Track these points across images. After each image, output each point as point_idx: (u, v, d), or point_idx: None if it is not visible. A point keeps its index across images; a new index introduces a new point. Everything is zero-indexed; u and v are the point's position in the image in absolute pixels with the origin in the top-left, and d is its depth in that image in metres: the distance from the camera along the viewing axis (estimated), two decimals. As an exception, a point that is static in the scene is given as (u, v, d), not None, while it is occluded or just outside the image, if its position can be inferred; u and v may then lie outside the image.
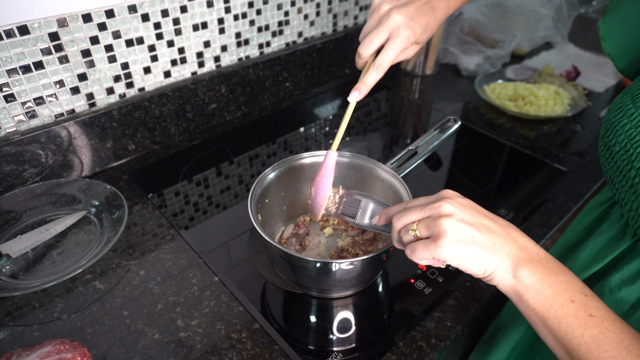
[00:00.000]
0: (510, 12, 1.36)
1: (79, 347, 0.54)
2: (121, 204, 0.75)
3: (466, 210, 0.42)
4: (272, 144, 1.00)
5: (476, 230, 0.41)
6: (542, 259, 0.41)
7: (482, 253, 0.41)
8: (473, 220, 0.42)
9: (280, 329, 0.61)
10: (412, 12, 0.55)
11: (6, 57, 0.72)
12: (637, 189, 0.42)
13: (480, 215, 0.43)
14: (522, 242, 0.42)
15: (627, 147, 0.43)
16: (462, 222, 0.41)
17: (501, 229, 0.42)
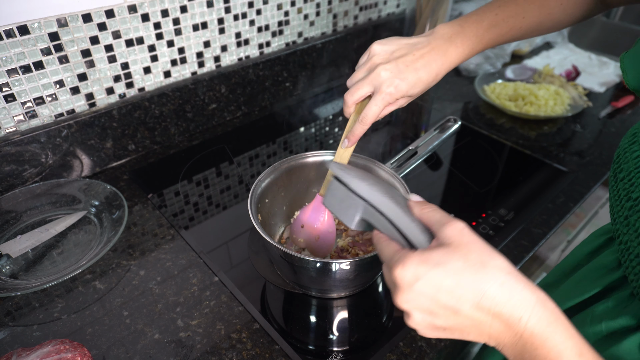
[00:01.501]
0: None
1: (79, 347, 0.54)
2: (121, 204, 0.75)
3: (422, 312, 0.34)
4: (272, 144, 1.00)
5: (442, 330, 0.35)
6: (527, 343, 0.32)
7: (463, 337, 0.35)
8: (434, 323, 0.35)
9: (280, 329, 0.61)
10: (400, 68, 0.54)
11: (6, 57, 0.72)
12: (629, 222, 0.40)
13: (442, 310, 0.33)
14: (498, 325, 0.33)
15: (631, 175, 0.41)
16: (425, 324, 0.35)
17: (468, 319, 0.33)
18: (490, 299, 0.32)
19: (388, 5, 1.28)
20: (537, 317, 0.31)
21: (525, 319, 0.31)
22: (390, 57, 0.55)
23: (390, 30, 1.28)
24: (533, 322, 0.31)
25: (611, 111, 1.13)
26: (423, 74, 0.55)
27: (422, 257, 0.34)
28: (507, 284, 0.32)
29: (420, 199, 0.41)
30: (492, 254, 0.34)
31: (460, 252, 0.33)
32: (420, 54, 0.55)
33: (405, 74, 0.54)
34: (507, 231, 0.77)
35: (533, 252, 0.74)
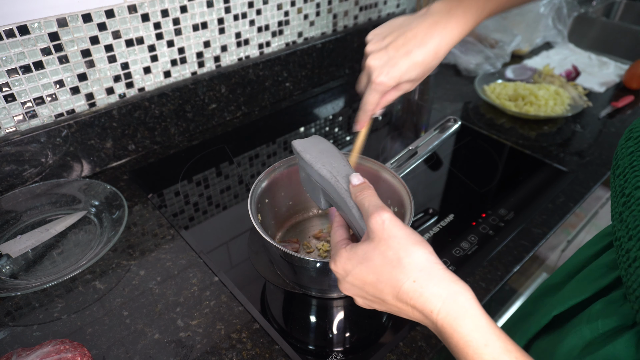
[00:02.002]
0: (510, 12, 1.36)
1: (79, 347, 0.54)
2: (121, 204, 0.75)
3: (359, 297, 0.40)
4: (272, 144, 1.00)
5: (379, 311, 0.40)
6: (441, 332, 0.36)
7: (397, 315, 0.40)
8: (370, 305, 0.40)
9: (280, 329, 0.61)
10: (390, 54, 0.52)
11: (6, 57, 0.72)
12: (622, 217, 0.40)
13: (373, 299, 0.39)
14: (418, 313, 0.37)
15: (625, 172, 0.41)
16: (365, 304, 0.40)
17: (394, 306, 0.38)
18: (405, 294, 0.36)
19: (388, 5, 1.28)
20: (446, 311, 0.34)
21: (436, 312, 0.35)
22: (382, 44, 0.53)
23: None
24: (443, 315, 0.34)
25: (611, 111, 1.13)
26: (418, 56, 0.52)
27: (349, 254, 0.39)
28: (420, 280, 0.35)
29: (359, 180, 0.43)
30: (408, 250, 0.36)
31: (380, 248, 0.37)
32: (412, 34, 0.52)
33: (395, 60, 0.52)
34: (507, 231, 0.77)
35: (533, 252, 0.74)
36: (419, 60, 0.52)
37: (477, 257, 0.72)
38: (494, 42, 1.32)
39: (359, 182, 0.44)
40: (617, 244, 0.41)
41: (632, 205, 0.39)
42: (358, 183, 0.43)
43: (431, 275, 0.35)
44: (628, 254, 0.38)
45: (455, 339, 0.34)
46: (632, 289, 0.37)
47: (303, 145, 0.52)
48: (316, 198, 0.47)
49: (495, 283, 0.68)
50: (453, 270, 0.69)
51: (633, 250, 0.37)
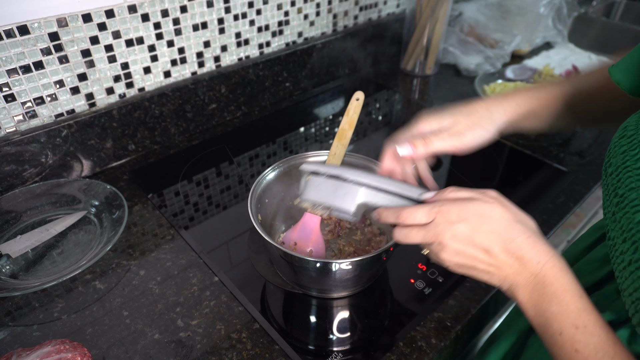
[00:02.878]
0: (510, 12, 1.36)
1: (79, 347, 0.54)
2: (121, 204, 0.75)
3: (460, 243, 0.43)
4: (272, 144, 1.00)
5: (469, 263, 0.43)
6: (539, 282, 0.40)
7: (480, 276, 0.44)
8: (466, 254, 0.43)
9: (280, 329, 0.61)
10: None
11: (6, 57, 0.72)
12: (616, 218, 0.40)
13: (475, 248, 0.42)
14: (518, 266, 0.41)
15: (618, 170, 0.41)
16: (457, 255, 0.43)
17: (495, 258, 0.42)
18: (517, 245, 0.41)
19: (388, 5, 1.28)
20: (551, 264, 0.40)
21: (542, 263, 0.40)
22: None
23: (390, 30, 1.28)
24: (548, 267, 0.40)
25: (611, 111, 1.12)
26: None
27: (461, 204, 0.43)
28: (533, 237, 0.41)
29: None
30: (522, 216, 0.44)
31: (497, 208, 0.43)
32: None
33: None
34: (507, 231, 0.77)
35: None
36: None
37: (477, 257, 0.72)
38: (494, 42, 1.32)
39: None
40: (611, 244, 0.41)
41: (625, 207, 0.38)
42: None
43: (540, 237, 0.42)
44: (622, 256, 0.38)
45: (556, 286, 0.39)
46: (628, 293, 0.37)
47: (315, 165, 0.54)
48: (346, 205, 0.48)
49: (495, 283, 0.68)
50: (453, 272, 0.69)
51: (628, 253, 0.37)
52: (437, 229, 0.43)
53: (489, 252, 0.42)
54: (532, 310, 0.41)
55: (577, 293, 0.39)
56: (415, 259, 0.71)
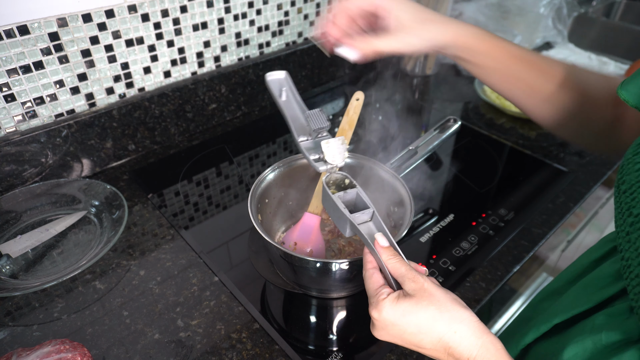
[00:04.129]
0: (510, 12, 1.36)
1: (79, 347, 0.54)
2: (121, 204, 0.75)
3: (391, 337, 0.44)
4: (272, 144, 1.00)
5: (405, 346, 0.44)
6: None
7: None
8: (400, 343, 0.44)
9: (280, 329, 0.61)
10: None
11: (6, 57, 0.72)
12: (630, 238, 0.39)
13: (406, 343, 0.43)
14: (452, 358, 0.42)
15: (633, 189, 0.39)
16: (391, 339, 0.44)
17: (428, 351, 0.43)
18: (444, 342, 0.41)
19: (388, 5, 1.27)
20: (481, 356, 0.40)
21: (473, 357, 0.40)
22: None
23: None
24: (479, 358, 0.40)
25: (611, 111, 1.13)
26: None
27: (392, 307, 0.42)
28: (460, 332, 0.41)
29: (386, 242, 0.46)
30: (448, 306, 0.43)
31: (422, 303, 0.42)
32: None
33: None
34: (507, 231, 0.77)
35: (533, 252, 0.74)
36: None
37: (477, 257, 0.72)
38: (494, 42, 1.32)
39: (385, 243, 0.46)
40: (625, 264, 0.40)
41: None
42: (385, 245, 0.46)
43: (469, 327, 0.41)
44: (638, 277, 0.38)
45: None
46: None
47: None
48: (341, 227, 0.50)
49: (495, 283, 0.68)
50: (453, 271, 0.69)
51: None
52: (373, 330, 0.45)
53: (420, 347, 0.43)
54: None
55: None
56: (415, 259, 0.71)
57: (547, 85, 0.56)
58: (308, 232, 0.65)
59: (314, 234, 0.65)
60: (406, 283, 0.44)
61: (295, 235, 0.66)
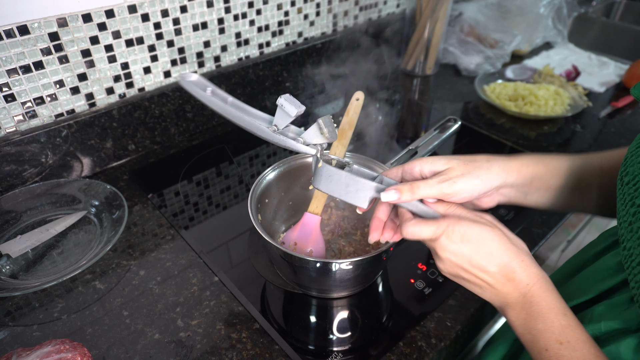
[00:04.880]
0: (510, 12, 1.36)
1: (79, 347, 0.54)
2: (121, 204, 0.75)
3: (459, 261, 0.45)
4: (272, 144, 1.00)
5: (464, 276, 0.46)
6: (527, 302, 0.43)
7: (472, 288, 0.47)
8: (463, 270, 0.46)
9: (280, 329, 0.61)
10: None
11: (6, 57, 0.72)
12: (632, 228, 0.40)
13: (473, 267, 0.45)
14: (510, 286, 0.44)
15: (636, 180, 0.41)
16: (453, 268, 0.46)
17: (490, 277, 0.45)
18: (510, 268, 0.44)
19: (388, 5, 1.28)
20: (539, 285, 0.43)
21: (531, 285, 0.43)
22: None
23: (390, 31, 1.28)
24: (536, 288, 0.43)
25: (611, 111, 1.13)
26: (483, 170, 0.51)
27: (470, 227, 0.44)
28: (525, 260, 0.44)
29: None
30: (516, 239, 0.46)
31: (494, 231, 0.45)
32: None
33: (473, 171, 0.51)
34: (507, 231, 0.77)
35: (533, 252, 0.74)
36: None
37: (477, 257, 0.72)
38: (494, 42, 1.32)
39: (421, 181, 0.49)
40: (626, 254, 0.41)
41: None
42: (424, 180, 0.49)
43: (531, 259, 0.45)
44: (639, 266, 0.38)
45: (542, 305, 0.42)
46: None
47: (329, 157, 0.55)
48: (360, 200, 0.49)
49: (495, 283, 0.68)
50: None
51: None
52: (440, 244, 0.45)
53: (485, 271, 0.44)
54: (520, 328, 0.44)
55: (562, 311, 0.42)
56: (415, 259, 0.71)
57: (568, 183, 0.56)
58: (308, 232, 0.65)
59: (314, 234, 0.65)
60: (478, 215, 0.47)
61: (295, 235, 0.66)
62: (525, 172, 0.52)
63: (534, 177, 0.53)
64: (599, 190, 0.55)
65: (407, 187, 0.47)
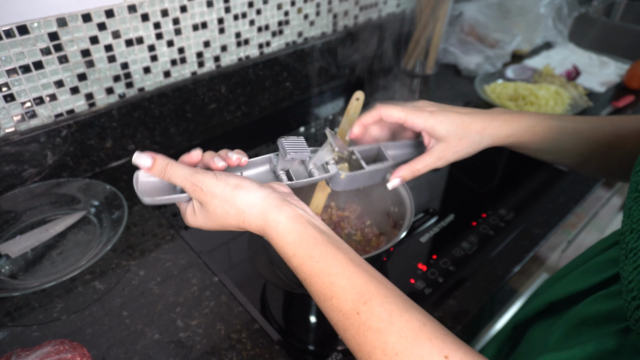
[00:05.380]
0: (511, 12, 1.36)
1: (79, 348, 0.53)
2: (121, 204, 0.75)
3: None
4: (272, 144, 1.00)
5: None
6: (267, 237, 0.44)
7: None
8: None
9: (280, 329, 0.61)
10: (441, 106, 0.56)
11: (6, 57, 0.71)
12: (631, 212, 0.40)
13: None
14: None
15: None
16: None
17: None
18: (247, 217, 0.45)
19: (388, 5, 1.28)
20: (264, 232, 0.44)
21: (261, 232, 0.44)
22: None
23: (391, 30, 1.28)
24: (266, 235, 0.44)
25: (612, 111, 1.12)
26: (466, 117, 0.54)
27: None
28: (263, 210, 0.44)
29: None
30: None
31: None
32: (469, 110, 0.56)
33: (446, 109, 0.54)
34: (507, 231, 0.77)
35: (533, 252, 0.73)
36: (466, 120, 0.53)
37: (477, 257, 0.72)
38: (494, 42, 1.32)
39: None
40: (622, 239, 0.41)
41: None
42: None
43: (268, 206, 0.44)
44: (627, 246, 0.38)
45: (276, 249, 0.43)
46: (627, 281, 0.37)
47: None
48: (377, 180, 0.58)
49: (495, 283, 0.68)
50: (453, 271, 0.69)
51: (631, 242, 0.37)
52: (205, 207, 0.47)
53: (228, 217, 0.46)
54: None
55: (289, 253, 0.42)
56: (415, 259, 0.71)
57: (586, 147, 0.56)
58: None
59: None
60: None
61: None
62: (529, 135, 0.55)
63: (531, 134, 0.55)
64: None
65: (408, 170, 0.55)
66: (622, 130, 0.54)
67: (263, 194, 0.44)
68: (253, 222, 0.44)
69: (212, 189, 0.44)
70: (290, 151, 0.49)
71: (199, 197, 0.45)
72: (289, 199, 0.45)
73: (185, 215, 0.47)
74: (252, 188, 0.44)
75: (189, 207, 0.47)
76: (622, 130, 0.54)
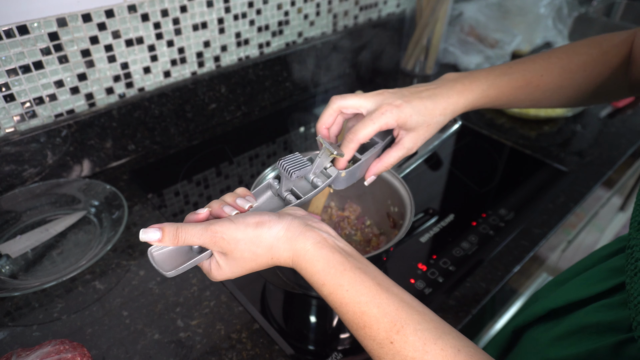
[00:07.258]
0: (511, 12, 1.36)
1: (79, 347, 0.54)
2: (121, 204, 0.75)
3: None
4: (272, 144, 1.00)
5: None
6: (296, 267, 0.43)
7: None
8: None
9: (280, 329, 0.61)
10: (403, 93, 0.56)
11: (6, 57, 0.72)
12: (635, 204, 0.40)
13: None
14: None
15: None
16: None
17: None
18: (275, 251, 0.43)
19: (388, 5, 1.28)
20: (293, 262, 0.43)
21: (290, 264, 0.43)
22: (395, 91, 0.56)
23: (390, 30, 1.28)
24: (295, 264, 0.43)
25: (611, 111, 1.12)
26: (429, 103, 0.55)
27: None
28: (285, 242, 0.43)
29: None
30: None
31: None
32: (425, 88, 0.57)
33: (409, 98, 0.54)
34: (507, 231, 0.77)
35: (533, 252, 0.73)
36: (429, 107, 0.55)
37: (477, 257, 0.72)
38: (494, 42, 1.32)
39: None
40: (629, 252, 0.41)
41: None
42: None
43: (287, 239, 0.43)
44: (637, 262, 0.38)
45: (306, 278, 0.42)
46: (633, 297, 0.37)
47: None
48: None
49: (495, 283, 0.68)
50: (453, 271, 0.69)
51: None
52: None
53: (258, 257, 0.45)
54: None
55: (319, 282, 0.41)
56: (415, 259, 0.71)
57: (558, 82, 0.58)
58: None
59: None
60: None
61: None
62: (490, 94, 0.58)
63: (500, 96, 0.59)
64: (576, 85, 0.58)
65: (382, 167, 0.56)
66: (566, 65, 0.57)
67: (285, 223, 0.42)
68: (282, 255, 0.42)
69: (233, 234, 0.41)
70: (293, 170, 0.48)
71: (222, 248, 0.41)
72: (311, 223, 0.43)
73: (211, 272, 0.44)
74: (273, 221, 0.42)
75: (212, 262, 0.44)
76: (567, 65, 0.57)
